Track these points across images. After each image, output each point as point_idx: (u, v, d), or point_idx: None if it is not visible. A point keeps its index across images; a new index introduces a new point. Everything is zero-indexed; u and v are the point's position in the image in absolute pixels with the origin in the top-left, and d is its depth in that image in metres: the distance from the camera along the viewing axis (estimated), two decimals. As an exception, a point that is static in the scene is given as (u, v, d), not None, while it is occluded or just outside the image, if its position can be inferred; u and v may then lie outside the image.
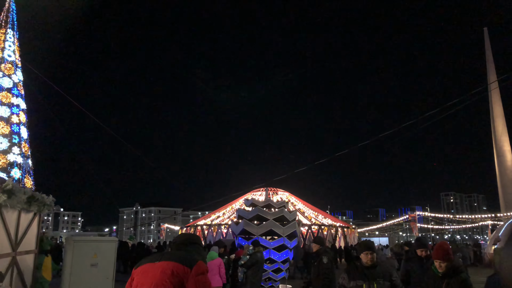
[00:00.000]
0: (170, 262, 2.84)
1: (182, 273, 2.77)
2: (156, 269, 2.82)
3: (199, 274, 2.80)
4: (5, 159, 22.77)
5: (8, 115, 23.21)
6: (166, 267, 2.80)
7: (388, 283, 4.55)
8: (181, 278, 2.75)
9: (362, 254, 4.78)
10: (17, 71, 24.17)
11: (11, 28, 23.20)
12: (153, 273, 2.81)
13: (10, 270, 8.08)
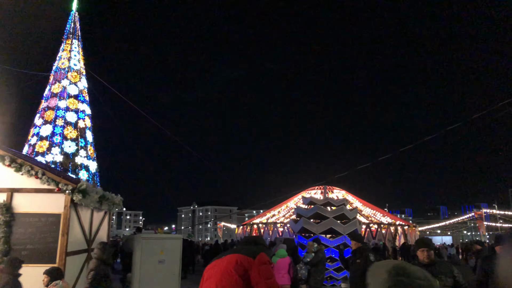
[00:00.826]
0: (235, 255, 3.03)
1: (246, 263, 2.92)
2: (222, 262, 3.02)
3: (262, 264, 2.91)
4: (74, 162, 24.16)
5: (75, 120, 24.55)
6: (231, 258, 2.99)
7: (450, 279, 4.30)
8: (245, 268, 2.90)
9: (418, 251, 4.58)
10: (82, 79, 25.48)
11: (76, 38, 24.59)
12: (220, 265, 3.00)
13: (86, 265, 8.55)
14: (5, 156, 7.51)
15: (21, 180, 7.56)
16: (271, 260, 3.11)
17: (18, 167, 7.48)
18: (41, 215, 7.44)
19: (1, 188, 7.46)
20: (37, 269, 7.19)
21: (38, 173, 7.45)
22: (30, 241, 7.30)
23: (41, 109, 23.99)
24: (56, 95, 23.88)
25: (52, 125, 23.54)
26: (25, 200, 7.51)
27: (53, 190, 7.46)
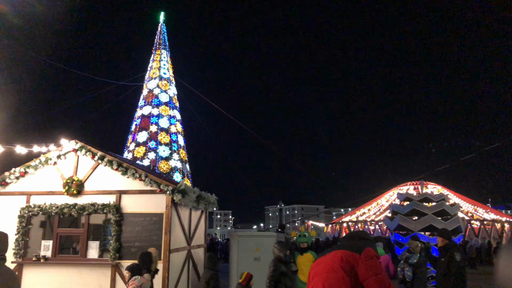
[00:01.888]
0: (339, 251, 2.91)
1: (351, 258, 2.80)
2: (327, 259, 2.92)
3: (369, 259, 2.77)
4: (168, 165, 25.58)
5: (167, 126, 25.97)
6: (335, 255, 2.88)
7: None
8: (351, 264, 2.78)
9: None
10: (171, 86, 26.87)
11: (164, 48, 26.06)
12: (324, 263, 2.91)
13: (186, 262, 8.96)
14: (113, 161, 8.15)
15: (127, 182, 8.15)
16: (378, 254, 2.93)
17: (124, 170, 8.08)
18: (145, 215, 7.95)
19: (111, 190, 8.12)
20: (145, 265, 7.69)
21: (141, 175, 7.97)
22: (138, 239, 7.83)
23: (137, 117, 25.80)
24: (149, 103, 25.53)
25: (147, 132, 25.20)
26: (131, 201, 8.08)
27: (155, 191, 7.93)
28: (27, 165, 8.53)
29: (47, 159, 8.51)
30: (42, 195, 8.39)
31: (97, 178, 8.32)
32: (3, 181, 8.50)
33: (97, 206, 7.99)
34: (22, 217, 8.22)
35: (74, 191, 8.16)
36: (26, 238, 8.20)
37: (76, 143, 8.48)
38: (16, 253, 8.03)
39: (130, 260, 7.76)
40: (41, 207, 8.17)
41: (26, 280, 8.01)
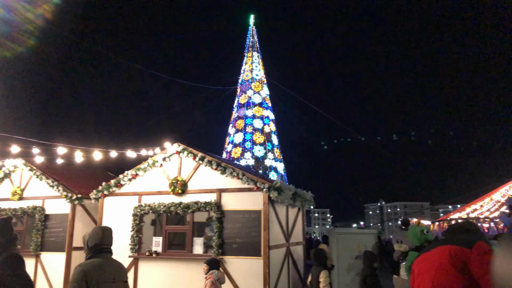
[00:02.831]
0: (446, 246, 2.69)
1: (461, 254, 2.56)
2: (433, 256, 2.73)
3: (482, 254, 2.50)
4: (263, 164, 26.06)
5: (261, 126, 26.43)
6: (443, 251, 2.67)
7: None
8: (461, 260, 2.54)
9: None
10: (264, 87, 27.32)
11: (255, 51, 26.65)
12: (431, 259, 2.72)
13: (286, 259, 9.03)
14: (212, 161, 8.56)
15: (226, 181, 8.48)
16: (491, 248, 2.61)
17: (223, 170, 8.42)
18: (244, 212, 8.20)
19: (212, 189, 8.52)
20: (246, 261, 7.93)
21: (239, 174, 8.24)
22: (238, 235, 8.10)
23: (233, 120, 26.70)
24: (243, 105, 26.28)
25: (242, 133, 25.95)
26: (231, 199, 8.39)
27: (252, 189, 8.14)
28: (137, 168, 9.33)
29: (154, 161, 9.23)
30: (152, 195, 9.11)
31: (199, 178, 8.79)
32: (118, 183, 9.41)
33: (200, 204, 8.45)
34: (135, 215, 9.02)
35: (179, 191, 8.72)
36: (140, 234, 8.98)
37: (179, 145, 9.06)
38: (132, 248, 8.83)
39: (233, 256, 8.08)
40: (151, 206, 8.89)
41: (141, 273, 8.77)
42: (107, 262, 3.48)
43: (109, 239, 3.61)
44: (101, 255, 3.47)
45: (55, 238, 9.96)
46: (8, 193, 10.82)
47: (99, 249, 3.49)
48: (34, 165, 10.65)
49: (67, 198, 9.86)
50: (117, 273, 3.53)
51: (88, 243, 3.52)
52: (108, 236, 3.59)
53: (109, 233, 3.62)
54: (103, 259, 3.45)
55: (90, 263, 3.38)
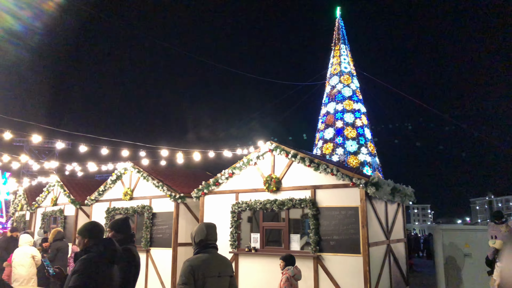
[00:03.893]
0: None
1: None
2: None
3: None
4: (357, 160, 25.34)
5: (353, 120, 25.74)
6: None
7: None
8: None
9: None
10: (353, 80, 26.58)
11: (343, 43, 26.01)
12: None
13: (386, 256, 8.67)
14: (305, 157, 8.53)
15: (319, 177, 8.40)
16: None
17: (316, 166, 8.35)
18: (340, 209, 8.03)
19: (306, 185, 8.50)
20: (345, 258, 7.78)
21: (333, 170, 8.10)
22: (336, 232, 7.97)
23: (323, 115, 26.39)
24: (333, 99, 25.82)
25: (333, 128, 25.51)
26: (326, 195, 8.29)
27: (348, 185, 7.94)
28: (233, 167, 9.66)
29: (248, 160, 9.47)
30: (247, 193, 9.36)
31: (292, 175, 8.82)
32: (217, 182, 9.83)
33: (294, 201, 8.47)
34: (234, 212, 9.34)
35: (274, 188, 8.84)
36: (238, 231, 9.28)
37: (271, 143, 9.18)
38: (232, 244, 9.16)
39: (330, 253, 7.97)
40: (248, 203, 9.13)
41: (241, 268, 9.07)
42: (213, 257, 3.60)
43: (214, 235, 3.73)
44: (207, 250, 3.61)
45: (162, 235, 10.72)
46: (120, 193, 11.91)
47: (205, 244, 3.64)
48: (141, 167, 11.58)
49: (171, 197, 10.54)
50: (223, 268, 3.65)
51: (195, 239, 3.70)
52: (212, 232, 3.72)
53: (213, 229, 3.75)
54: (209, 254, 3.59)
55: (197, 258, 3.54)
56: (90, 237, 3.45)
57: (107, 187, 12.32)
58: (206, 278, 3.45)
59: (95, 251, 3.33)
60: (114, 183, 12.28)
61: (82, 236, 3.49)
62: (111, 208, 11.91)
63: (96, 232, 3.51)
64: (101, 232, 3.58)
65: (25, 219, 16.59)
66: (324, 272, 7.97)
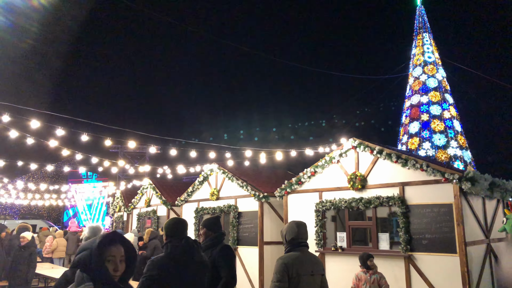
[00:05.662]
0: None
1: None
2: None
3: None
4: (446, 154, 23.81)
5: (440, 112, 24.27)
6: None
7: None
8: None
9: None
10: (439, 70, 25.06)
11: (426, 31, 24.63)
12: None
13: (487, 257, 8.05)
14: (391, 153, 8.22)
15: (408, 174, 8.04)
16: None
17: (404, 162, 8.00)
18: (432, 206, 7.62)
19: (393, 182, 8.19)
20: (439, 258, 7.36)
21: (422, 165, 7.70)
22: (428, 230, 7.57)
23: (406, 108, 25.18)
24: (417, 91, 24.54)
25: (418, 121, 24.23)
26: (415, 192, 7.91)
27: (439, 180, 7.51)
28: (315, 165, 9.61)
29: (331, 158, 9.37)
30: (331, 191, 9.26)
31: (378, 172, 8.55)
32: (299, 181, 9.86)
33: (382, 199, 8.21)
34: (318, 211, 9.30)
35: (359, 186, 8.65)
36: (324, 230, 9.22)
37: (354, 140, 8.99)
38: (318, 243, 9.12)
39: (423, 253, 7.60)
40: (332, 202, 9.03)
41: (328, 267, 8.98)
42: (304, 255, 3.63)
43: (305, 233, 3.75)
44: (298, 248, 3.64)
45: (248, 234, 11.01)
46: (207, 194, 12.44)
47: (296, 243, 3.67)
48: (226, 168, 12.00)
49: (255, 197, 10.78)
50: (315, 266, 3.66)
51: (286, 237, 3.75)
52: (303, 231, 3.74)
53: (304, 227, 3.77)
54: (300, 253, 3.61)
55: (289, 256, 3.59)
56: (167, 234, 3.44)
57: (195, 188, 12.94)
58: (300, 276, 3.48)
59: (165, 250, 3.33)
60: (201, 184, 12.86)
61: (164, 232, 3.59)
62: (200, 208, 12.49)
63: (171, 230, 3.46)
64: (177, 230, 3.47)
65: (123, 219, 18.03)
66: (416, 272, 7.61)
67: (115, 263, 2.14)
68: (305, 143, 28.98)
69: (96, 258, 2.06)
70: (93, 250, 2.08)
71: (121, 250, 2.21)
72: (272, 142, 35.48)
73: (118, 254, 2.18)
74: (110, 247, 2.15)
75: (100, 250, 2.09)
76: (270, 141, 36.22)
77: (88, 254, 2.09)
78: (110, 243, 2.17)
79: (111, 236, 2.19)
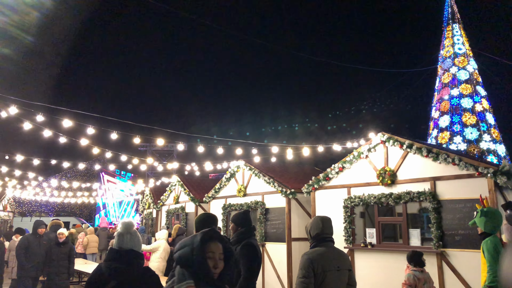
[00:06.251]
0: None
1: None
2: None
3: None
4: (478, 148, 23.12)
5: (471, 105, 23.60)
6: None
7: None
8: None
9: None
10: (470, 61, 24.36)
11: (455, 22, 23.93)
12: None
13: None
14: (422, 147, 8.03)
15: (439, 168, 7.84)
16: None
17: (435, 156, 7.81)
18: (465, 201, 7.40)
19: (424, 177, 8.00)
20: (474, 255, 7.15)
21: (454, 159, 7.49)
22: (461, 226, 7.37)
23: (436, 102, 24.57)
24: (447, 84, 23.89)
25: (449, 115, 23.60)
26: (447, 187, 7.71)
27: (472, 175, 7.29)
28: (343, 161, 9.50)
29: (359, 153, 9.23)
30: (360, 187, 9.13)
31: (408, 167, 8.37)
32: (327, 177, 9.77)
33: (412, 194, 8.03)
34: (346, 207, 9.19)
35: (388, 181, 8.49)
36: (353, 226, 9.11)
37: (383, 135, 8.83)
38: (347, 240, 9.03)
39: (456, 249, 7.40)
40: (361, 198, 8.91)
41: (357, 264, 8.88)
42: (330, 250, 3.58)
43: (329, 229, 3.70)
44: (323, 244, 3.59)
45: (276, 230, 11.00)
46: (235, 190, 12.50)
47: (321, 238, 3.62)
48: (253, 165, 12.02)
49: (282, 193, 10.76)
50: (341, 261, 3.60)
51: (311, 233, 3.71)
52: (328, 226, 3.69)
53: (328, 222, 3.72)
54: (326, 248, 3.56)
55: (314, 252, 3.54)
56: (197, 229, 3.47)
57: (222, 184, 13.03)
58: (325, 272, 3.43)
59: None
60: (228, 181, 12.93)
61: (194, 227, 3.61)
62: (227, 205, 12.57)
63: (201, 225, 3.49)
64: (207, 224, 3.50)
65: (152, 216, 18.36)
66: (449, 269, 7.42)
67: (215, 260, 2.12)
68: (332, 139, 28.70)
69: (199, 255, 2.05)
70: (194, 247, 2.07)
71: (220, 247, 2.19)
72: (298, 138, 35.31)
73: (217, 251, 2.16)
74: (209, 244, 2.14)
75: (202, 246, 2.08)
76: (297, 137, 36.05)
77: (189, 250, 2.08)
78: (210, 239, 2.15)
79: (210, 233, 2.18)
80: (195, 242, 2.09)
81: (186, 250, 2.10)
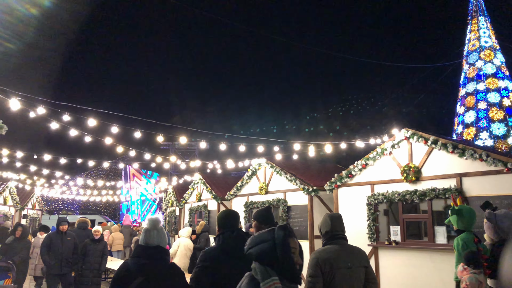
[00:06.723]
0: None
1: None
2: None
3: None
4: (506, 144, 22.50)
5: (498, 100, 22.99)
6: None
7: None
8: None
9: None
10: (496, 55, 23.72)
11: (481, 14, 23.32)
12: None
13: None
14: (447, 143, 7.86)
15: (465, 164, 7.66)
16: None
17: (461, 152, 7.63)
18: (494, 198, 7.20)
19: (450, 174, 7.83)
20: (502, 253, 6.97)
21: (481, 155, 7.31)
22: (489, 224, 7.18)
23: (461, 97, 24.02)
24: (472, 79, 23.31)
25: (474, 110, 23.04)
26: (474, 184, 7.52)
27: (501, 171, 7.09)
28: (366, 158, 9.39)
29: (382, 150, 9.11)
30: (383, 184, 9.01)
31: (433, 163, 8.21)
32: (350, 174, 9.67)
33: (437, 191, 7.87)
34: (370, 204, 9.09)
35: (413, 178, 8.35)
36: (376, 223, 9.00)
37: (407, 131, 8.68)
38: (370, 237, 8.93)
39: (484, 247, 7.21)
40: (385, 195, 8.79)
41: (381, 261, 8.78)
42: (342, 248, 3.48)
43: (340, 226, 3.60)
44: (334, 241, 3.50)
45: (298, 227, 10.97)
46: (256, 188, 12.53)
47: (331, 235, 3.53)
48: (274, 163, 12.01)
49: (304, 191, 10.71)
50: (354, 259, 3.47)
51: (321, 231, 3.65)
52: (338, 223, 3.59)
53: (338, 220, 3.62)
54: (337, 246, 3.47)
55: (323, 250, 3.45)
56: (219, 226, 3.40)
57: (244, 182, 13.07)
58: (334, 270, 3.32)
59: (216, 242, 3.29)
60: (250, 179, 12.96)
61: (217, 224, 3.49)
62: (249, 202, 12.61)
63: (223, 222, 3.42)
64: (229, 222, 3.43)
65: (175, 214, 18.58)
66: (477, 268, 7.25)
67: (296, 256, 2.07)
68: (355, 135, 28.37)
69: (284, 251, 1.98)
70: (277, 243, 1.99)
71: (297, 243, 2.14)
72: (321, 135, 35.08)
73: (297, 247, 2.11)
74: (291, 240, 2.08)
75: (286, 242, 2.01)
76: (319, 134, 35.80)
77: (271, 246, 2.01)
78: (290, 235, 2.08)
79: (290, 228, 2.12)
80: (277, 238, 2.01)
81: (267, 246, 2.02)
